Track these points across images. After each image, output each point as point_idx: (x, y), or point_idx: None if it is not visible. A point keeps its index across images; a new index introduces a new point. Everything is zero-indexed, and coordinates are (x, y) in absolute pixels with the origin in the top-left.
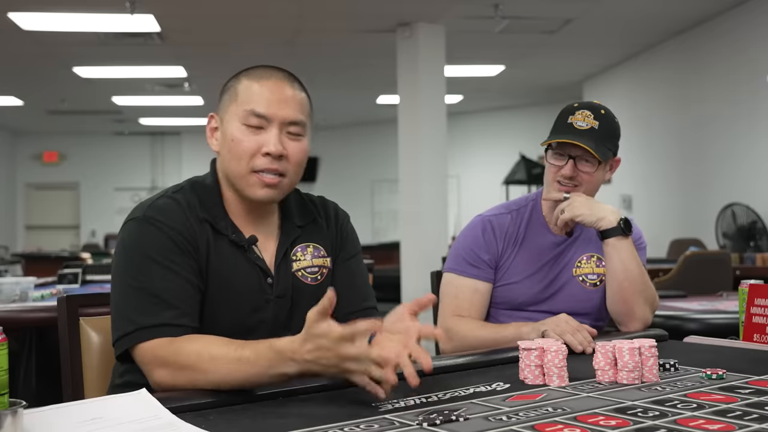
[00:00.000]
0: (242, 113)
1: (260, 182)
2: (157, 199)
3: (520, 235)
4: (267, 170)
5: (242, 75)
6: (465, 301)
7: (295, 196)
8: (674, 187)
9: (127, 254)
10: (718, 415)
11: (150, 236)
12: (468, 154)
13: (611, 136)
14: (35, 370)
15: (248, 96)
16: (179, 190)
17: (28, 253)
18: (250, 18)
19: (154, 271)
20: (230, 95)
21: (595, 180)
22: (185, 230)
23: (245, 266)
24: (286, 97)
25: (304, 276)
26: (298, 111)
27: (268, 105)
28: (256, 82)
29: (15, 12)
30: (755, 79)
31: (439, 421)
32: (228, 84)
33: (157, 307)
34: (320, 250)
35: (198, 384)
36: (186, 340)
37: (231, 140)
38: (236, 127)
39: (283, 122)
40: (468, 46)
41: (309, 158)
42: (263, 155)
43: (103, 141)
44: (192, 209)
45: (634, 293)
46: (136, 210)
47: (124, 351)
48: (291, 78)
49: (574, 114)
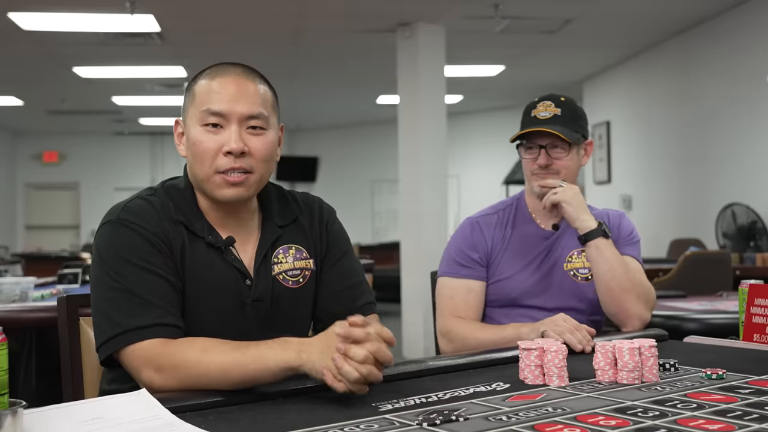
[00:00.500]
0: (199, 114)
1: (225, 182)
2: (129, 201)
3: (508, 232)
4: (231, 169)
5: (199, 76)
6: (461, 302)
7: (277, 194)
8: (674, 186)
9: (104, 257)
10: (718, 415)
11: (125, 238)
12: (468, 154)
13: (576, 119)
14: (35, 370)
15: (204, 96)
16: (153, 192)
17: (28, 253)
18: (250, 18)
19: (132, 272)
20: (189, 98)
21: (571, 165)
22: (159, 231)
23: (222, 268)
24: (243, 92)
25: (285, 279)
26: (256, 104)
27: (224, 102)
28: (211, 81)
29: (15, 12)
30: (755, 79)
31: (439, 421)
32: (188, 86)
33: (142, 307)
34: (302, 252)
35: (195, 383)
36: (182, 342)
37: (193, 143)
38: (196, 130)
39: (241, 118)
40: (468, 46)
41: (309, 158)
42: (225, 154)
43: (103, 141)
44: (166, 211)
45: (623, 291)
46: (109, 213)
47: (108, 355)
48: (248, 71)
49: (535, 107)
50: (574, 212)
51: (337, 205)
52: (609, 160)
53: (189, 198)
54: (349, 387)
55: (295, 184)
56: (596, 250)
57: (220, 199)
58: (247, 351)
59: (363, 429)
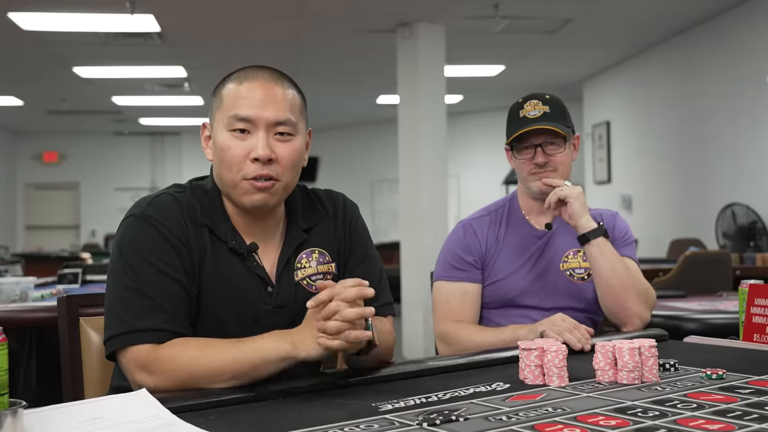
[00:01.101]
0: (227, 119)
1: (253, 188)
2: (157, 196)
3: (501, 232)
4: (257, 176)
5: (227, 79)
6: (457, 305)
7: (302, 195)
8: (674, 186)
9: (124, 252)
10: (718, 415)
11: (146, 235)
12: (468, 154)
13: (564, 114)
14: (35, 370)
15: (232, 101)
16: (182, 190)
17: (28, 253)
18: (250, 18)
19: (148, 271)
20: (216, 102)
21: (566, 160)
22: (181, 233)
23: (244, 275)
24: (271, 97)
25: (309, 284)
26: (284, 110)
27: (252, 107)
28: (239, 85)
29: (15, 12)
30: (755, 79)
31: (439, 421)
32: (215, 90)
33: (152, 309)
34: (325, 256)
35: (191, 382)
36: (174, 345)
37: (220, 149)
38: (223, 135)
39: (269, 124)
40: (468, 46)
41: (309, 158)
42: (252, 161)
43: (103, 141)
44: (191, 211)
45: (624, 289)
46: (135, 206)
47: (112, 352)
48: (277, 76)
49: (523, 107)
50: (580, 209)
51: None
52: (609, 160)
53: (216, 200)
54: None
55: None
56: (598, 249)
57: (246, 206)
58: (243, 346)
59: (363, 429)
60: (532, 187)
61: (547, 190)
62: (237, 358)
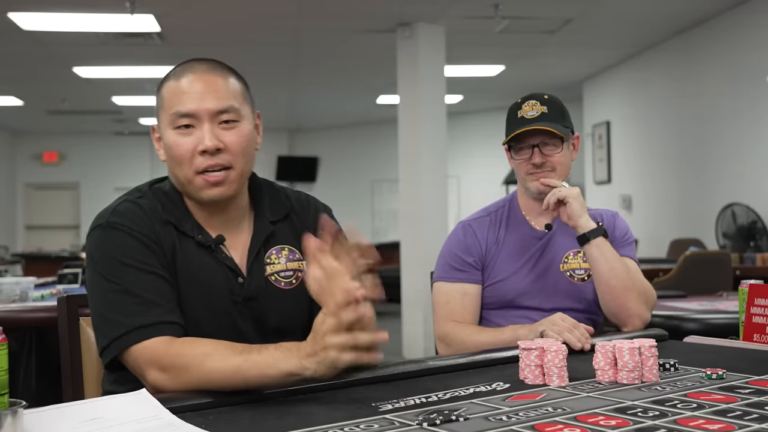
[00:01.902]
0: (170, 117)
1: (206, 183)
2: (117, 205)
3: (501, 233)
4: (209, 168)
5: (166, 78)
6: (457, 306)
7: (268, 188)
8: (674, 186)
9: (99, 262)
10: (718, 415)
11: (117, 240)
12: (468, 154)
13: (563, 114)
14: (35, 370)
15: (171, 98)
16: (141, 195)
17: (28, 253)
18: (250, 18)
19: (128, 273)
20: (159, 102)
21: (564, 161)
22: (150, 232)
23: (213, 266)
24: (210, 87)
25: (278, 280)
26: (225, 98)
27: (192, 101)
28: (177, 82)
29: (15, 12)
30: (755, 79)
31: (439, 421)
32: (157, 90)
33: (144, 306)
34: (296, 253)
35: (197, 386)
36: (187, 342)
37: (169, 148)
38: (169, 134)
39: (212, 114)
40: (468, 46)
41: (309, 158)
42: (200, 154)
43: (103, 141)
44: (154, 212)
45: (624, 290)
46: (98, 218)
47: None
48: (213, 66)
49: (521, 108)
50: (579, 209)
51: (337, 205)
52: (609, 160)
53: (176, 199)
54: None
55: (295, 184)
56: (597, 249)
57: (204, 200)
58: (249, 357)
59: (363, 429)
60: (530, 187)
61: (545, 190)
62: (240, 370)
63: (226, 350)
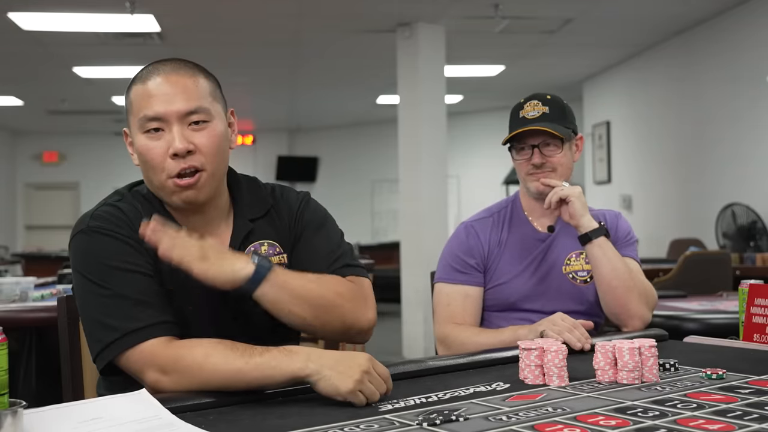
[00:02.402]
0: (138, 122)
1: (178, 187)
2: (97, 209)
3: (504, 234)
4: (180, 172)
5: (132, 81)
6: (458, 308)
7: (249, 186)
8: (674, 186)
9: (85, 267)
10: (718, 415)
11: (102, 244)
12: (468, 154)
13: (564, 115)
14: (35, 370)
15: (139, 102)
16: (120, 198)
17: (28, 253)
18: (250, 18)
19: (117, 276)
20: (127, 106)
21: (565, 161)
22: (133, 233)
23: None
24: (177, 89)
25: None
26: (194, 98)
27: (159, 104)
28: (144, 85)
29: (15, 12)
30: (755, 79)
31: (439, 421)
32: (125, 95)
33: (136, 308)
34: (275, 247)
35: (198, 387)
36: (186, 344)
37: (140, 153)
38: (139, 139)
39: (180, 116)
40: (468, 46)
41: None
42: (171, 157)
43: (103, 141)
44: (134, 213)
45: (626, 290)
46: (79, 223)
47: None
48: (179, 65)
49: (522, 108)
50: (581, 208)
51: (337, 205)
52: (609, 160)
53: (154, 202)
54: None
55: (296, 184)
56: (599, 250)
57: (178, 204)
58: (251, 359)
59: (363, 429)
60: (530, 187)
61: (545, 190)
62: (242, 371)
63: (228, 351)
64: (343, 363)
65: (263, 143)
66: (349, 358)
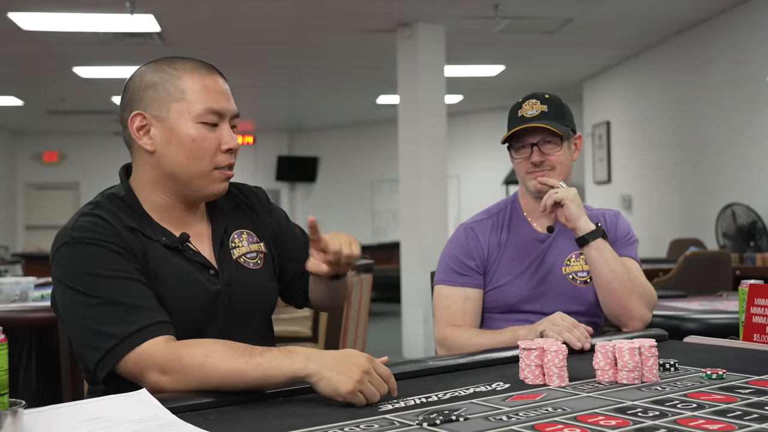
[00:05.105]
0: (198, 111)
1: (222, 177)
2: (76, 220)
3: (503, 236)
4: (229, 166)
5: (174, 71)
6: (458, 310)
7: None
8: (674, 187)
9: (72, 279)
10: (718, 415)
11: (88, 254)
12: (468, 154)
13: (563, 113)
14: (35, 370)
15: (200, 93)
16: (96, 205)
17: (28, 253)
18: (250, 18)
19: (107, 283)
20: (168, 93)
21: (564, 160)
22: (118, 239)
23: (185, 265)
24: (227, 91)
25: (246, 262)
26: (234, 103)
27: (223, 100)
28: (201, 79)
29: (15, 12)
30: (755, 79)
31: (439, 421)
32: (151, 80)
33: (131, 312)
34: (253, 236)
35: (198, 387)
36: (186, 344)
37: (192, 140)
38: (192, 127)
39: (232, 116)
40: (468, 46)
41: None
42: (224, 152)
43: (103, 141)
44: (114, 219)
45: (625, 291)
46: (60, 237)
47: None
48: (217, 69)
49: (521, 107)
50: (576, 211)
51: (337, 205)
52: (609, 160)
53: (133, 204)
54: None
55: (296, 184)
56: (597, 251)
57: (208, 194)
58: (251, 359)
59: (363, 429)
60: (529, 186)
61: (543, 189)
62: (242, 371)
63: (228, 351)
64: (342, 363)
65: (263, 143)
66: (349, 359)
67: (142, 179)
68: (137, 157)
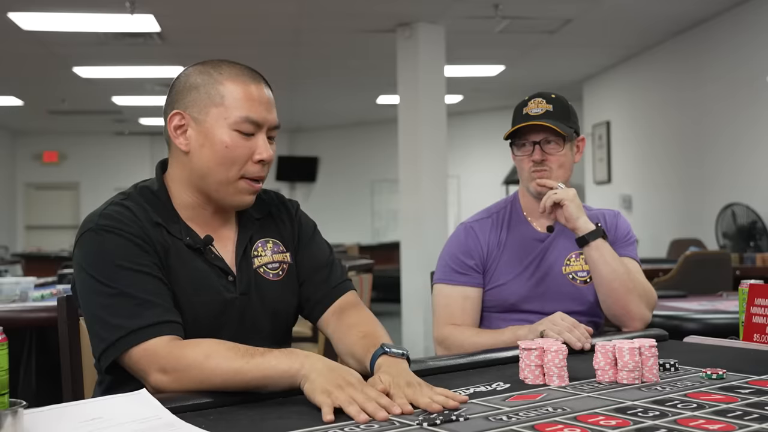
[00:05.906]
0: (235, 119)
1: (250, 188)
2: (105, 208)
3: (503, 235)
4: (259, 177)
5: (218, 75)
6: (457, 310)
7: None
8: (674, 187)
9: (92, 266)
10: (718, 415)
11: (110, 243)
12: (468, 154)
13: (568, 114)
14: (35, 370)
15: (240, 101)
16: (127, 197)
17: (28, 253)
18: (250, 18)
19: (124, 275)
20: (209, 96)
21: (565, 161)
22: (142, 233)
23: (204, 268)
24: (270, 101)
25: (266, 272)
26: (276, 114)
27: (261, 111)
28: (246, 86)
29: (15, 12)
30: (755, 79)
31: (439, 421)
32: (195, 81)
33: (141, 307)
34: (279, 246)
35: (199, 387)
36: (188, 343)
37: (224, 147)
38: (226, 133)
39: (270, 127)
40: (468, 46)
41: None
42: (256, 162)
43: (103, 141)
44: (143, 212)
45: (626, 292)
46: (87, 222)
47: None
48: (263, 78)
49: (527, 105)
50: (575, 211)
51: (337, 205)
52: (609, 160)
53: (164, 199)
54: None
55: (296, 184)
56: (597, 252)
57: (234, 205)
58: (252, 359)
59: (363, 429)
60: (529, 187)
61: (542, 191)
62: (242, 371)
63: (228, 351)
64: (332, 372)
65: None
66: (340, 369)
67: (175, 177)
68: (173, 155)
